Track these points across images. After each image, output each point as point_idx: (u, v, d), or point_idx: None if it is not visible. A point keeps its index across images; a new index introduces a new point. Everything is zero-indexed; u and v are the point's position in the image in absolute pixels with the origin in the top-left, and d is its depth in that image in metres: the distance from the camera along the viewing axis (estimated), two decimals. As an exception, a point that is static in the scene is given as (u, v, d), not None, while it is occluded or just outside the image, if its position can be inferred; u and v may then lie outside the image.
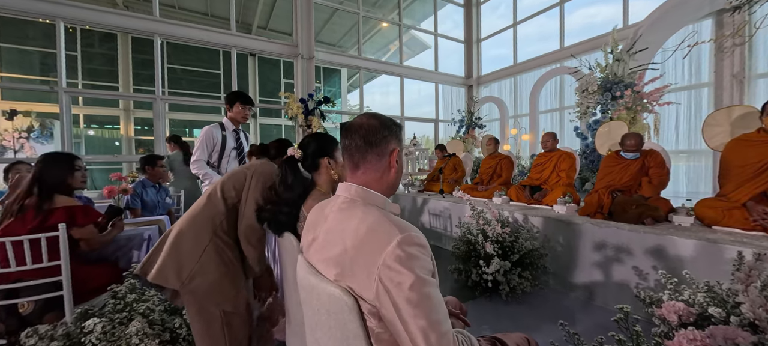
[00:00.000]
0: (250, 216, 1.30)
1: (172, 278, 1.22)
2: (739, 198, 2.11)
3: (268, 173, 1.39)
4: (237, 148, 2.49)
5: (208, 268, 1.26)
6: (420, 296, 0.60)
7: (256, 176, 1.37)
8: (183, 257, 1.24)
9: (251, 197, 1.32)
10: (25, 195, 1.56)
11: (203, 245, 1.27)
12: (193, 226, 1.29)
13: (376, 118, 0.77)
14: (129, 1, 11.29)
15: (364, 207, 0.71)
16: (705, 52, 4.71)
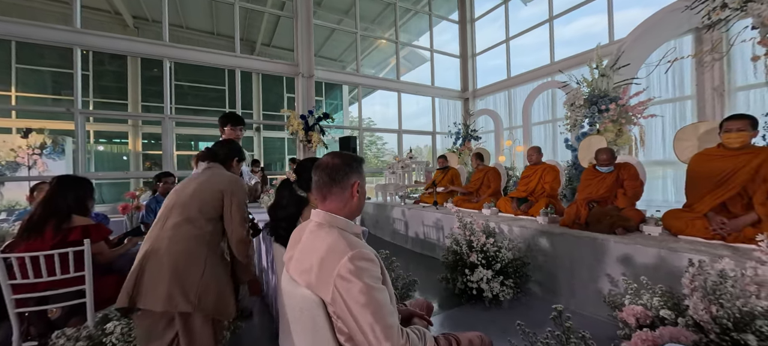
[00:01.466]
0: (240, 232, 1.46)
1: (182, 303, 1.29)
2: (701, 209, 2.27)
3: (241, 192, 1.55)
4: None
5: (211, 284, 1.36)
6: (367, 299, 0.79)
7: (233, 198, 1.50)
8: (186, 280, 1.32)
9: (236, 217, 1.47)
10: (44, 215, 1.76)
11: (201, 264, 1.36)
12: (185, 246, 1.37)
13: (340, 157, 0.97)
14: (138, 22, 11.82)
15: (328, 229, 0.91)
16: (687, 67, 4.91)
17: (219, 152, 1.79)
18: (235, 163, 1.84)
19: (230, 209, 1.48)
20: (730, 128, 2.20)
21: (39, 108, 10.04)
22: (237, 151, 1.86)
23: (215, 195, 1.49)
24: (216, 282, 1.39)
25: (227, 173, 1.64)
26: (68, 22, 4.64)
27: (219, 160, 1.75)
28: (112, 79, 12.24)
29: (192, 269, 1.35)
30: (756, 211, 2.07)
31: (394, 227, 5.30)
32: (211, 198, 1.48)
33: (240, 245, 1.47)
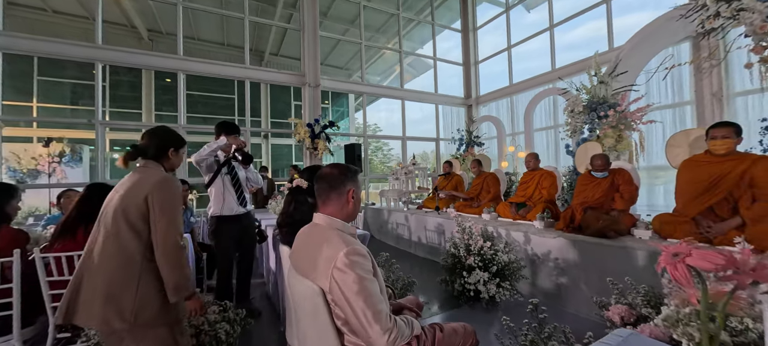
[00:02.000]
0: (165, 240, 1.28)
1: (117, 322, 1.20)
2: (688, 212, 2.36)
3: (167, 191, 1.33)
4: (229, 173, 2.63)
5: (149, 295, 1.26)
6: (360, 287, 0.94)
7: (156, 200, 1.30)
8: (120, 297, 1.22)
9: (161, 223, 1.29)
10: (77, 218, 1.97)
11: (135, 280, 1.25)
12: (116, 263, 1.26)
13: (337, 168, 1.13)
14: (153, 34, 12.31)
15: (328, 230, 1.06)
16: (686, 73, 4.97)
17: (148, 147, 1.45)
18: (172, 153, 1.50)
19: (155, 219, 1.29)
20: (715, 135, 2.30)
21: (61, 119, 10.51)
22: (171, 139, 1.52)
23: (139, 203, 1.30)
24: (154, 294, 1.28)
25: (155, 174, 1.38)
26: (89, 38, 4.95)
27: (150, 156, 1.45)
28: (127, 88, 12.75)
29: (125, 289, 1.24)
30: (741, 215, 2.15)
31: (398, 232, 5.43)
32: (136, 207, 1.30)
33: (166, 255, 1.27)
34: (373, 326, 0.94)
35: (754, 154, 2.25)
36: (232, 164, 2.65)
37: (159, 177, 1.36)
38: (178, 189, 1.39)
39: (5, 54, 4.54)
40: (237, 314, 1.93)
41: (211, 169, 2.57)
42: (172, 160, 1.51)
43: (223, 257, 2.62)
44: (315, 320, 1.01)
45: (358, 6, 7.67)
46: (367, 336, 0.97)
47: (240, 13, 6.31)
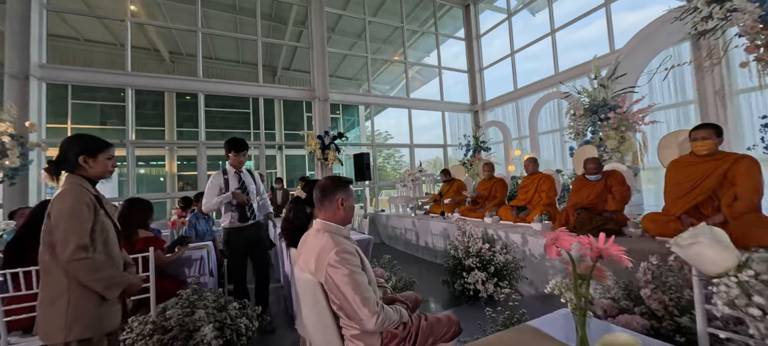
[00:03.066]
0: (63, 255, 1.27)
1: (56, 336, 1.26)
2: (674, 211, 2.47)
3: (64, 203, 1.31)
4: (240, 187, 2.78)
5: (80, 309, 1.30)
6: (349, 279, 1.17)
7: (53, 216, 1.30)
8: (54, 314, 1.27)
9: (57, 237, 1.28)
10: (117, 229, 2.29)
11: (65, 294, 1.28)
12: (48, 280, 1.30)
13: (330, 179, 1.37)
14: (174, 56, 13.12)
15: (323, 233, 1.30)
16: (688, 72, 4.99)
17: (60, 161, 1.40)
18: (83, 160, 1.42)
19: (54, 228, 1.29)
20: (696, 137, 2.41)
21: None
22: (78, 145, 1.42)
23: (46, 218, 1.31)
24: (85, 306, 1.32)
25: (61, 192, 1.35)
26: (116, 62, 5.46)
27: (67, 169, 1.40)
28: (151, 106, 13.59)
29: (57, 302, 1.28)
30: (722, 212, 2.26)
31: (406, 238, 5.62)
32: (45, 224, 1.31)
33: (70, 267, 1.28)
34: (362, 310, 1.17)
35: (736, 154, 2.35)
36: (243, 180, 2.80)
37: (59, 192, 1.33)
38: (75, 199, 1.32)
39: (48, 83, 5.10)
40: (254, 311, 2.19)
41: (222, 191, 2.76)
42: (91, 168, 1.43)
43: (237, 264, 2.78)
44: (315, 306, 1.25)
45: (363, 21, 8.01)
46: (358, 319, 1.19)
47: (253, 36, 6.74)
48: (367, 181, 7.10)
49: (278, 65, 13.78)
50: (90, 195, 1.40)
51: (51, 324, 1.30)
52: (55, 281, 1.31)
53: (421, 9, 9.19)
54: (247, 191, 2.80)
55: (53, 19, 6.31)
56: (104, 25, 9.96)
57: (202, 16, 6.29)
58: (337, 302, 1.22)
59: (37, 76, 4.91)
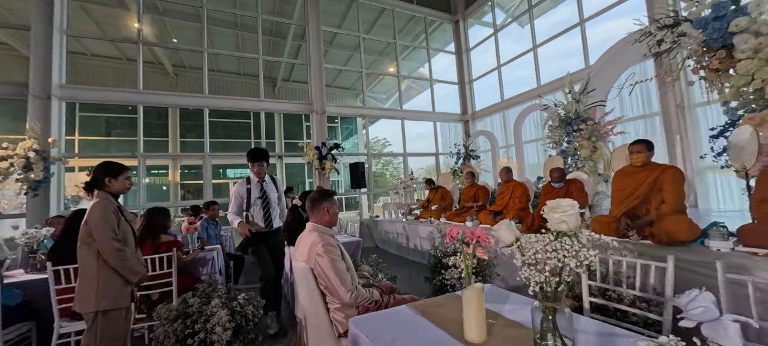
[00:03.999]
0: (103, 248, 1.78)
1: (89, 306, 1.75)
2: (616, 213, 2.90)
3: (95, 214, 1.79)
4: (261, 197, 2.97)
5: (106, 288, 1.78)
6: (331, 265, 1.60)
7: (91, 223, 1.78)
8: (87, 289, 1.77)
9: (97, 235, 1.78)
10: (144, 233, 2.72)
11: (95, 277, 1.77)
12: (84, 267, 1.81)
13: (318, 192, 1.81)
14: (177, 69, 13.65)
15: (313, 232, 1.73)
16: (652, 87, 5.46)
17: (93, 181, 1.93)
18: (109, 181, 1.91)
19: (93, 231, 1.79)
20: (632, 150, 2.85)
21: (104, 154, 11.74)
22: (105, 171, 1.93)
23: (83, 224, 1.83)
24: (111, 287, 1.79)
25: (93, 204, 1.85)
26: (124, 76, 5.92)
27: (97, 186, 1.92)
28: (155, 116, 14.08)
29: (90, 283, 1.77)
30: (651, 214, 2.69)
31: (398, 241, 6.04)
32: (83, 227, 1.82)
33: (109, 258, 1.79)
34: (341, 288, 1.59)
35: (664, 165, 2.79)
36: (265, 190, 2.99)
37: (92, 204, 1.86)
38: (104, 210, 1.82)
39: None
40: (259, 302, 2.60)
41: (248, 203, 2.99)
42: (114, 186, 1.94)
43: (264, 266, 2.92)
44: (307, 287, 1.67)
45: (358, 37, 8.52)
46: (338, 295, 1.62)
47: (255, 53, 7.23)
48: (362, 188, 7.53)
49: (278, 76, 14.30)
50: (113, 205, 1.92)
51: (86, 299, 1.80)
52: (88, 268, 1.81)
53: (414, 23, 9.72)
54: (267, 200, 2.97)
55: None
56: (113, 44, 10.51)
57: (205, 32, 6.77)
58: (323, 283, 1.65)
59: (57, 96, 5.37)
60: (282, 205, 3.21)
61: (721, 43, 3.64)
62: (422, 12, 9.23)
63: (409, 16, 9.25)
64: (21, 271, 2.87)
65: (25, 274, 2.78)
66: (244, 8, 7.89)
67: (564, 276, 0.92)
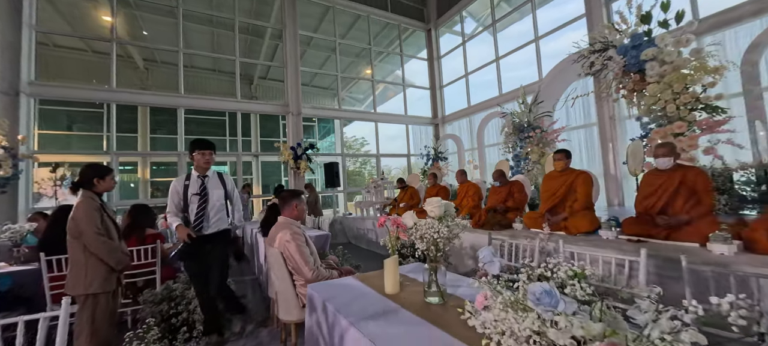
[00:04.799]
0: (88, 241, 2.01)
1: (79, 289, 1.98)
2: (542, 210, 3.50)
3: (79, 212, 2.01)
4: (199, 194, 2.53)
5: (93, 272, 2.02)
6: (297, 249, 2.01)
7: (76, 218, 1.99)
8: (77, 275, 2.02)
9: (82, 229, 2.01)
10: (130, 227, 3.00)
11: (84, 265, 2.02)
12: (74, 258, 2.05)
13: (288, 192, 2.21)
14: (149, 63, 13.32)
15: (284, 224, 2.13)
16: (592, 100, 6.24)
17: (80, 181, 2.09)
18: (96, 181, 2.11)
19: (79, 226, 2.02)
20: (555, 158, 3.46)
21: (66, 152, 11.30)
22: (93, 172, 2.12)
23: (69, 219, 2.04)
24: (98, 273, 2.04)
25: (79, 202, 2.05)
26: (89, 69, 5.95)
27: (83, 186, 2.09)
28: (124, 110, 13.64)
29: (80, 270, 2.02)
30: (567, 210, 3.30)
31: (368, 237, 6.48)
32: (69, 222, 2.04)
33: (95, 250, 2.03)
34: (304, 268, 2.01)
35: (578, 170, 3.41)
36: (205, 186, 2.57)
37: (77, 203, 2.07)
38: (88, 208, 2.05)
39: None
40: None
41: (185, 202, 2.58)
42: (100, 186, 2.15)
43: (194, 281, 2.55)
44: (278, 268, 2.08)
45: (334, 42, 8.87)
46: (303, 273, 2.03)
47: (231, 54, 7.41)
48: (337, 187, 7.91)
49: (255, 74, 14.30)
50: (96, 204, 2.17)
51: (77, 284, 2.07)
52: (77, 258, 2.06)
53: (390, 29, 10.18)
54: (206, 198, 2.54)
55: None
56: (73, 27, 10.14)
57: (180, 30, 6.86)
58: (291, 264, 2.06)
59: (26, 93, 5.35)
60: (236, 206, 2.76)
61: (637, 68, 4.38)
62: (397, 19, 9.71)
63: (384, 23, 9.70)
64: (3, 264, 3.03)
65: (9, 266, 2.96)
66: (220, 9, 8.01)
67: (440, 246, 1.39)
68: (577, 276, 0.82)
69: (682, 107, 3.96)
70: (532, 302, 0.75)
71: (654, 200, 2.68)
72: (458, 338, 1.02)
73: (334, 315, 1.30)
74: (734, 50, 4.77)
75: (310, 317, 1.61)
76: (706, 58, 3.91)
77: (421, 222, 1.44)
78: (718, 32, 4.97)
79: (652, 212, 2.67)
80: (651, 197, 2.71)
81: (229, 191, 2.72)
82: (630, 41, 4.38)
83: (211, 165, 2.66)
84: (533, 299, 0.74)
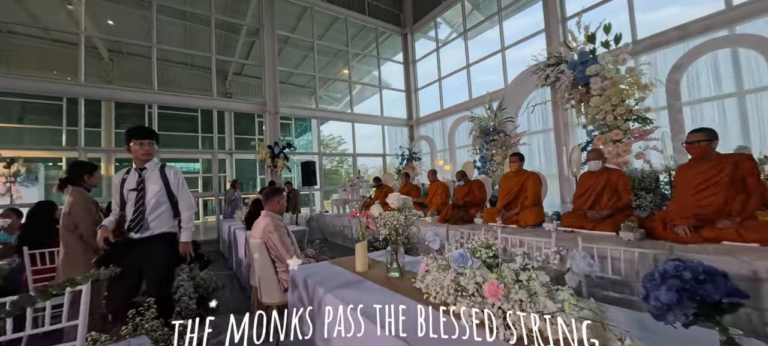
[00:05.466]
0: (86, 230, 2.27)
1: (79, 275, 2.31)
2: (499, 206, 3.95)
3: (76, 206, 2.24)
4: (136, 189, 2.20)
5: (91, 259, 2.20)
6: (279, 238, 2.28)
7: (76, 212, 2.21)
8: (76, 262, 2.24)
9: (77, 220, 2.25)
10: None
11: (81, 256, 2.27)
12: (67, 250, 2.28)
13: (271, 189, 2.46)
14: (114, 55, 12.70)
15: (267, 217, 2.38)
16: (550, 108, 6.88)
17: (70, 178, 2.27)
18: (86, 178, 2.30)
19: (77, 220, 2.22)
20: (510, 160, 3.92)
21: (17, 147, 10.57)
22: (84, 169, 2.28)
23: (66, 213, 2.21)
24: (90, 263, 2.17)
25: (74, 195, 2.25)
26: (45, 57, 5.78)
27: (72, 182, 2.24)
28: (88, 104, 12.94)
29: (77, 262, 2.22)
30: (518, 207, 3.76)
31: (344, 233, 6.75)
32: (67, 217, 2.22)
33: (92, 241, 2.23)
34: (286, 255, 2.27)
35: (529, 171, 3.89)
36: (142, 179, 2.23)
37: (74, 198, 2.26)
38: (86, 203, 2.28)
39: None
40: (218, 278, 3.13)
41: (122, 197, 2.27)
42: (89, 182, 2.34)
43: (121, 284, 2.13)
44: (261, 256, 2.32)
45: (312, 42, 9.02)
46: (284, 260, 2.29)
47: (207, 53, 7.38)
48: (314, 186, 8.09)
49: (230, 70, 14.05)
50: (92, 199, 2.38)
51: (74, 271, 2.22)
52: (73, 249, 2.26)
53: (367, 31, 10.45)
54: (143, 195, 2.21)
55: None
56: (34, 18, 9.55)
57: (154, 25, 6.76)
58: (274, 252, 2.32)
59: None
60: (185, 205, 2.35)
61: (583, 82, 4.97)
62: (374, 23, 10.01)
63: (361, 26, 9.96)
64: (-26, 260, 3.03)
65: (-18, 262, 2.97)
66: (194, 5, 7.92)
67: (399, 231, 1.72)
68: (487, 246, 1.18)
69: (618, 118, 4.59)
70: (453, 263, 1.09)
71: (586, 197, 3.19)
72: (409, 297, 1.35)
73: (314, 288, 1.59)
74: (664, 69, 5.51)
75: (292, 294, 1.89)
76: (639, 76, 4.56)
77: (385, 213, 1.76)
78: (652, 53, 5.71)
79: (584, 207, 3.17)
80: (584, 195, 3.21)
81: (172, 186, 2.29)
82: (578, 58, 4.98)
83: (154, 156, 2.30)
84: (453, 260, 1.08)
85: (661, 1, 6.42)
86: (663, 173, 4.76)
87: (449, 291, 1.09)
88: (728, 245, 2.15)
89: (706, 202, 2.34)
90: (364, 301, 1.35)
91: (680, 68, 4.78)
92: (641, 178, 4.59)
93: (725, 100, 5.09)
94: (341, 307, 1.26)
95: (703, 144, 2.37)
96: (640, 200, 4.35)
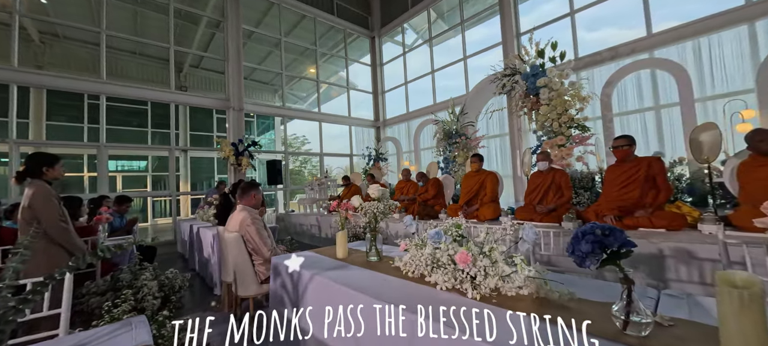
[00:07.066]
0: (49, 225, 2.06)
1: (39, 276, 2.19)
2: (460, 203, 4.30)
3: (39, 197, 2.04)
4: None
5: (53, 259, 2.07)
6: (256, 232, 2.33)
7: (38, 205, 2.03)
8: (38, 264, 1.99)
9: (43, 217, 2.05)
10: None
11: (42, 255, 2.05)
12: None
13: (248, 184, 2.50)
14: (45, 37, 11.33)
15: (244, 211, 2.42)
16: (506, 114, 7.50)
17: (28, 170, 2.14)
18: (46, 170, 2.16)
19: (38, 212, 2.06)
20: (471, 161, 4.29)
21: None
22: (43, 160, 2.17)
23: (26, 207, 2.08)
24: (56, 259, 2.07)
25: (33, 188, 2.09)
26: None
27: (31, 174, 2.13)
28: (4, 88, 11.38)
29: (39, 257, 2.02)
30: (477, 203, 4.13)
31: (311, 232, 6.75)
32: (26, 210, 2.08)
33: (56, 234, 2.09)
34: (263, 248, 2.34)
35: (488, 171, 4.29)
36: None
37: (34, 190, 2.09)
38: (47, 195, 2.11)
39: None
40: (184, 276, 3.06)
41: None
42: (50, 174, 2.19)
43: None
44: (238, 249, 2.36)
45: (278, 38, 8.87)
46: (262, 252, 2.35)
47: (165, 43, 6.95)
48: (279, 185, 7.95)
49: (186, 62, 13.22)
50: (54, 192, 2.19)
51: (35, 271, 2.04)
52: (35, 247, 2.07)
53: (335, 32, 10.48)
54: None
55: None
56: None
57: (104, 10, 6.24)
58: (251, 245, 2.36)
59: None
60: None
61: (535, 92, 5.51)
62: (342, 24, 10.09)
63: (329, 26, 9.99)
64: None
65: None
66: (150, -9, 7.42)
67: (378, 218, 1.90)
68: (457, 226, 1.40)
69: (563, 125, 5.19)
70: (429, 239, 1.29)
71: (535, 194, 3.61)
72: (389, 275, 1.53)
73: (299, 273, 1.70)
74: (599, 84, 6.32)
75: (274, 282, 1.97)
76: (580, 89, 5.20)
77: (365, 203, 1.92)
78: (590, 69, 6.51)
79: (534, 202, 3.60)
80: (533, 192, 3.64)
81: None
82: (530, 70, 5.55)
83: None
84: (429, 238, 1.28)
85: (598, 23, 7.34)
86: (598, 173, 5.47)
87: (427, 262, 1.29)
88: (643, 231, 2.63)
89: (626, 196, 2.82)
90: (348, 279, 1.51)
91: (612, 84, 5.53)
92: (580, 178, 5.23)
93: (646, 112, 5.97)
94: (331, 282, 1.40)
95: (624, 148, 2.86)
96: (579, 197, 4.96)
